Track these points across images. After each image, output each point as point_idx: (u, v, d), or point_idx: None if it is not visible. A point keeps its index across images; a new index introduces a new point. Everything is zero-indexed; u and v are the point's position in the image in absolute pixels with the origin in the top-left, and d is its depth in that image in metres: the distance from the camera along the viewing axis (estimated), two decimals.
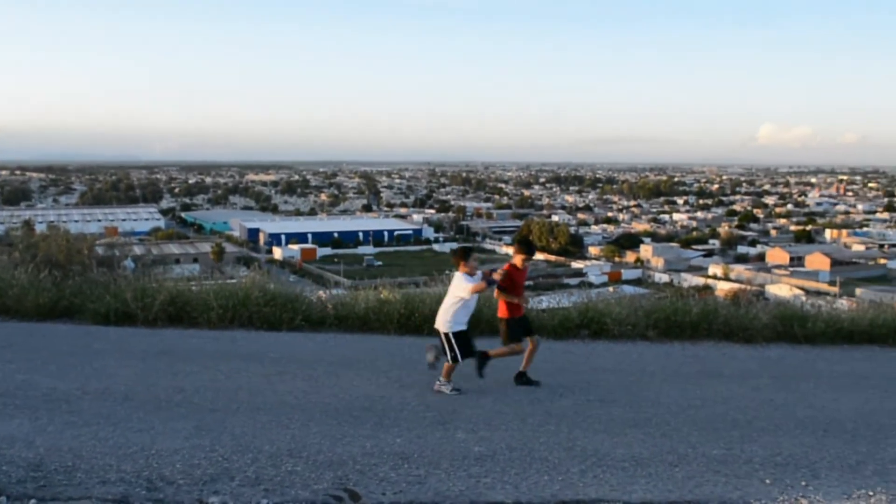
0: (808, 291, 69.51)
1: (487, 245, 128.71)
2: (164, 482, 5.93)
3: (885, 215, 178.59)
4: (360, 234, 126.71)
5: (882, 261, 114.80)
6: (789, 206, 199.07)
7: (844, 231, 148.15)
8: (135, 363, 9.92)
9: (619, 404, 8.69)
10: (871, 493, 6.36)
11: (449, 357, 8.98)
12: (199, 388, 8.80)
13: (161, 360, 10.14)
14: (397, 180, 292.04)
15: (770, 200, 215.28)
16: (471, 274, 9.08)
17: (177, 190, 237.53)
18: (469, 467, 6.51)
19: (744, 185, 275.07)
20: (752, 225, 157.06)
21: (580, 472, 6.51)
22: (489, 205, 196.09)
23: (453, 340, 8.98)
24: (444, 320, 9.03)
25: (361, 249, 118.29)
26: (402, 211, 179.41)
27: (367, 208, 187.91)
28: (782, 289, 79.40)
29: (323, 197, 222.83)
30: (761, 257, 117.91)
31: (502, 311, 9.46)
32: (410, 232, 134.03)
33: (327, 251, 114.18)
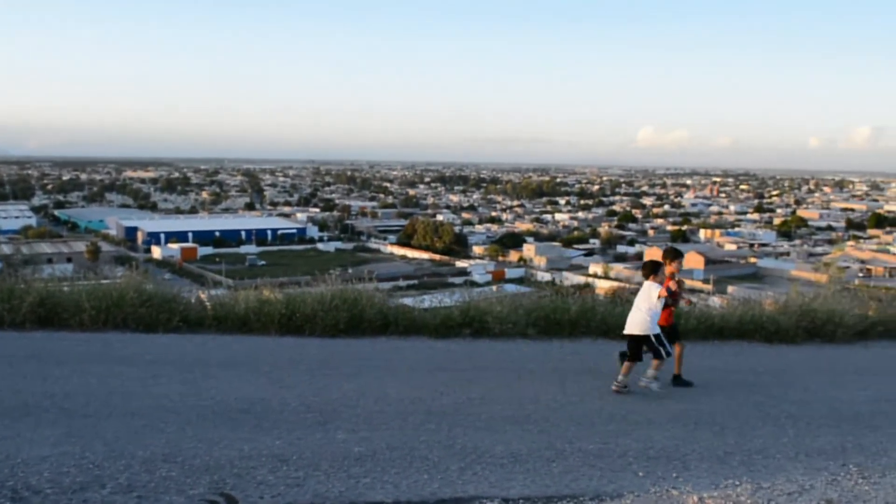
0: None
1: (372, 244, 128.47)
2: (30, 492, 5.69)
3: (756, 216, 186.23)
4: (243, 233, 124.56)
5: (752, 259, 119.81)
6: (666, 207, 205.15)
7: (718, 231, 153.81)
8: (1, 368, 9.49)
9: (500, 402, 8.80)
10: (737, 483, 6.62)
11: (663, 353, 9.66)
12: (70, 392, 8.47)
13: (29, 364, 9.71)
14: (281, 178, 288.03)
15: (648, 201, 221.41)
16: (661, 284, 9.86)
17: (50, 187, 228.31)
18: (349, 468, 6.48)
19: (623, 186, 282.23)
20: (631, 225, 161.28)
21: (459, 470, 6.56)
22: (374, 204, 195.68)
23: (663, 339, 9.69)
24: (647, 326, 9.66)
25: (244, 249, 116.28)
26: (286, 210, 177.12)
27: (249, 207, 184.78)
28: None
29: (204, 195, 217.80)
30: (639, 256, 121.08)
31: (661, 320, 9.92)
32: (294, 231, 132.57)
33: (209, 250, 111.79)
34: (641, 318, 9.71)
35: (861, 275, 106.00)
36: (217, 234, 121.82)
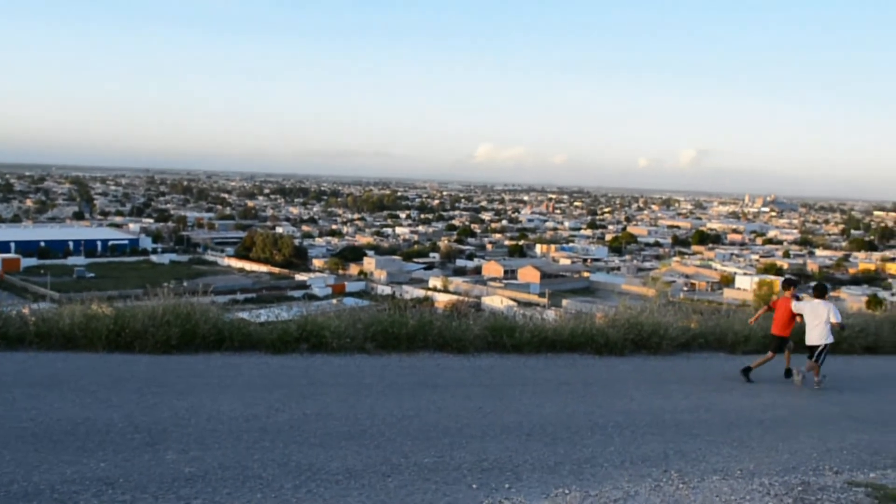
0: (520, 303, 73.50)
1: (209, 257, 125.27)
2: None
3: (589, 232, 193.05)
4: (71, 244, 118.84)
5: (586, 274, 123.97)
6: (504, 222, 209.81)
7: (553, 246, 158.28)
8: None
9: (336, 417, 8.74)
10: (567, 492, 6.82)
11: (822, 360, 12.78)
12: None
13: None
14: (113, 187, 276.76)
15: (486, 216, 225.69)
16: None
17: None
18: (179, 489, 6.29)
19: (462, 200, 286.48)
20: (470, 239, 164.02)
21: (294, 488, 6.48)
22: (211, 215, 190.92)
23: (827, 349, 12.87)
24: (826, 337, 12.75)
25: (72, 260, 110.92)
26: (118, 220, 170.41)
27: (78, 216, 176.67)
28: (497, 300, 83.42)
29: (28, 203, 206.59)
30: (478, 270, 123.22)
31: (782, 331, 13.30)
32: (126, 242, 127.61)
33: (33, 262, 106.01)
34: (819, 332, 12.80)
35: (685, 289, 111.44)
36: (42, 244, 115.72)
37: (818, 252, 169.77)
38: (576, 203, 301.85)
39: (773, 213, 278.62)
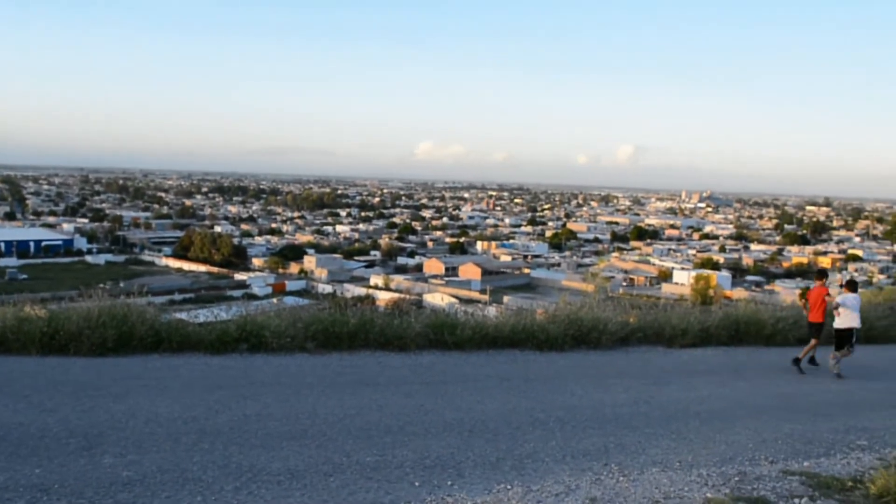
0: (461, 300, 73.68)
1: (146, 257, 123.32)
2: None
3: (529, 228, 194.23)
4: (2, 245, 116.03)
5: (526, 270, 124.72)
6: (445, 220, 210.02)
7: (494, 243, 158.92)
8: None
9: (276, 418, 8.66)
10: (508, 487, 6.86)
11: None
12: None
13: None
14: (45, 186, 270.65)
15: (427, 214, 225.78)
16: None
17: None
18: (116, 494, 6.18)
19: (403, 198, 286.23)
20: (411, 237, 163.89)
21: (234, 490, 6.41)
22: (148, 214, 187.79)
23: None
24: (856, 321, 14.58)
25: (3, 262, 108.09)
26: (51, 220, 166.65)
27: (9, 216, 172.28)
28: (438, 298, 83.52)
29: None
30: (419, 268, 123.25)
31: (819, 318, 14.86)
32: (60, 242, 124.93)
33: None
34: (856, 318, 14.61)
35: (625, 284, 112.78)
36: None
37: (753, 246, 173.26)
38: (516, 200, 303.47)
39: (710, 209, 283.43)
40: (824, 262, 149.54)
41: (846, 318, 14.45)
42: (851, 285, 15.31)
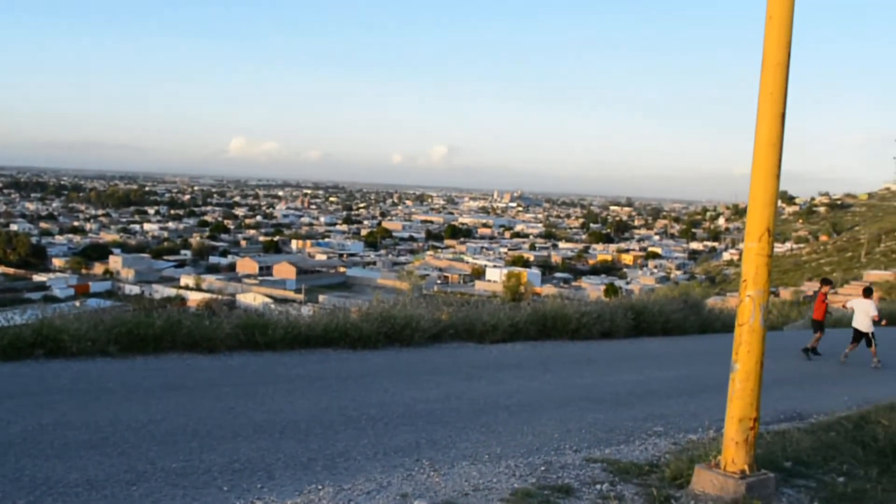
0: (276, 299, 72.70)
1: None
2: None
3: (344, 227, 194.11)
4: None
5: (342, 269, 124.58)
6: (258, 218, 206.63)
7: (309, 242, 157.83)
8: None
9: (75, 426, 8.21)
10: (320, 487, 6.80)
11: (875, 344, 17.57)
12: None
13: None
14: None
15: (240, 212, 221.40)
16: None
17: None
18: None
19: (215, 196, 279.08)
20: (224, 236, 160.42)
21: None
22: None
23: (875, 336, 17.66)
24: (870, 326, 17.56)
25: None
26: None
27: None
28: (252, 297, 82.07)
29: None
30: (232, 267, 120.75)
31: (821, 316, 18.33)
32: None
33: None
34: (867, 322, 17.52)
35: (439, 282, 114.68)
36: None
37: (561, 244, 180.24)
38: (331, 199, 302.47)
39: (520, 208, 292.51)
40: (626, 258, 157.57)
41: (857, 321, 17.79)
42: (865, 292, 18.34)
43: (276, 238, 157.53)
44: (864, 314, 17.61)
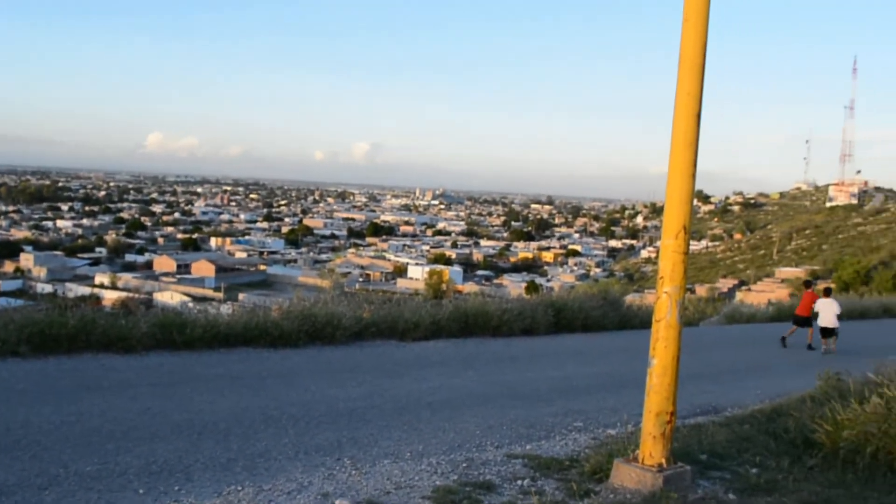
0: (194, 298, 71.55)
1: None
2: None
3: (265, 224, 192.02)
4: None
5: (262, 267, 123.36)
6: (177, 215, 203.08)
7: (228, 239, 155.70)
8: None
9: None
10: (240, 488, 6.72)
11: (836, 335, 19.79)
12: None
13: None
14: None
15: (158, 209, 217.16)
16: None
17: None
18: None
19: (132, 192, 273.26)
20: (141, 233, 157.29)
21: None
22: None
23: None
24: (835, 322, 19.72)
25: None
26: None
27: None
28: (170, 296, 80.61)
29: None
30: (149, 265, 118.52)
31: (804, 313, 20.74)
32: None
33: None
34: (833, 319, 19.67)
35: (361, 280, 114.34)
36: None
37: (483, 242, 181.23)
38: (252, 195, 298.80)
39: (442, 206, 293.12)
40: (547, 256, 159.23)
41: (823, 319, 19.89)
42: (826, 292, 20.99)
43: (195, 235, 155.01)
44: (830, 312, 19.79)
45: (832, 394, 9.77)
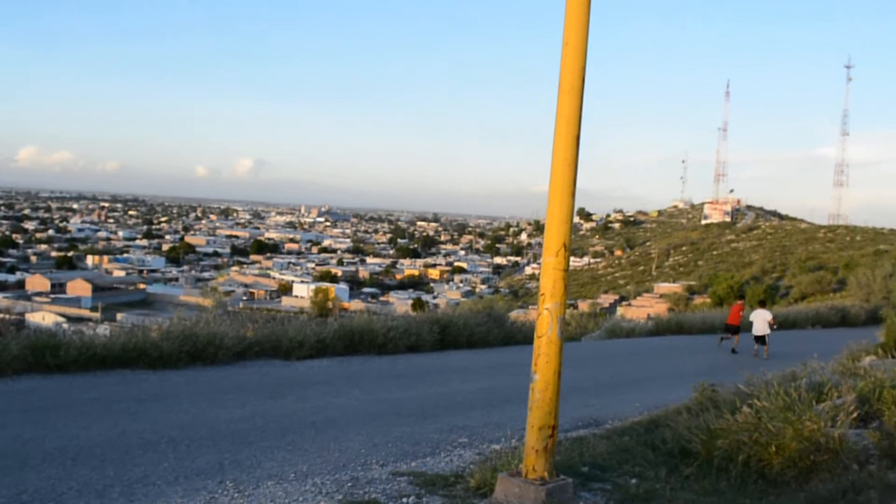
0: (70, 318, 69.05)
1: None
2: None
3: (145, 242, 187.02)
4: None
5: (142, 286, 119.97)
6: (51, 232, 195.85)
7: (106, 257, 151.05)
8: None
9: None
10: None
11: (767, 345, 22.88)
12: None
13: None
14: None
15: (30, 225, 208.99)
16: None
17: None
18: None
19: (2, 208, 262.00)
20: (11, 251, 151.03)
21: None
22: None
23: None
24: (766, 329, 22.98)
25: None
26: None
27: None
28: (43, 317, 77.54)
29: None
30: (21, 284, 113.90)
31: (734, 322, 24.43)
32: None
33: None
34: (765, 327, 22.85)
35: (245, 298, 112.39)
36: None
37: (369, 259, 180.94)
38: (131, 212, 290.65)
39: (328, 223, 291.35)
40: (433, 273, 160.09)
41: (756, 327, 23.15)
42: (761, 303, 25.50)
43: (71, 253, 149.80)
44: (762, 322, 23.06)
45: (707, 404, 10.11)
